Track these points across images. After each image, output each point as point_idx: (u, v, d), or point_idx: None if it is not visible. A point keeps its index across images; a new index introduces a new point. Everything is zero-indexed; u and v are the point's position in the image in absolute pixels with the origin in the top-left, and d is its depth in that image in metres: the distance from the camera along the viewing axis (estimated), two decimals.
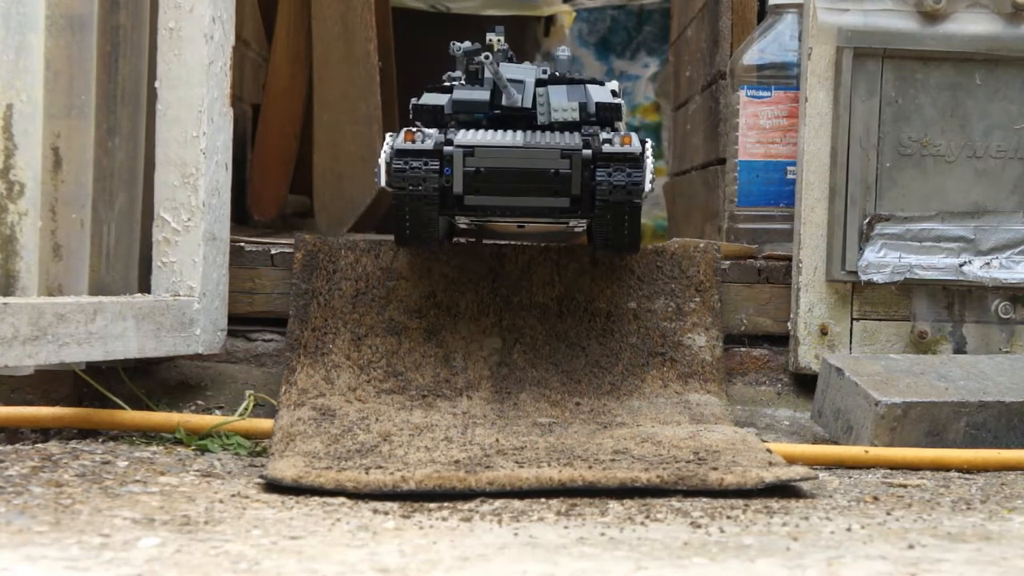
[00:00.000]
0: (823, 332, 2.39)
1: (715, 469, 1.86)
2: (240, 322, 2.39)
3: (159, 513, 1.67)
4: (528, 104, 2.17)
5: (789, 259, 2.46)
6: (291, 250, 2.42)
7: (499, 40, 2.25)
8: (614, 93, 2.24)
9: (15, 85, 1.92)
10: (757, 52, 2.54)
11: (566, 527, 1.64)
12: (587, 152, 2.08)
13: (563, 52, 2.32)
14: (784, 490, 1.86)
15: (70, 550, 1.47)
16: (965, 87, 2.39)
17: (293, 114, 2.87)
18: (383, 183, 2.10)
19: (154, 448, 2.09)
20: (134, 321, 2.09)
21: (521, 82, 2.18)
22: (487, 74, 2.18)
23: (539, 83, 2.21)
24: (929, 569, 1.48)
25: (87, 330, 1.99)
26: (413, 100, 2.23)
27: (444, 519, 1.67)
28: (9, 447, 2.06)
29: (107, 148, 2.15)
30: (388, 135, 2.20)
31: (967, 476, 2.06)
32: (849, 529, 1.67)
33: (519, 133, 2.14)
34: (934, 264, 2.39)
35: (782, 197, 2.52)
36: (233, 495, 1.79)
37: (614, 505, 1.75)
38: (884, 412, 2.12)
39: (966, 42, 2.37)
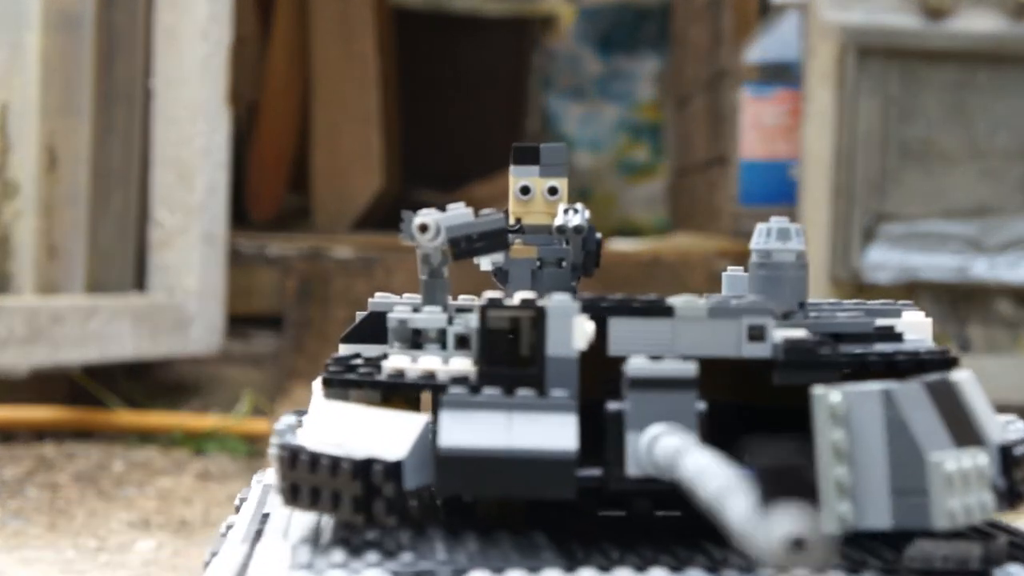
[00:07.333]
0: None
1: None
2: (238, 322, 2.38)
3: (156, 516, 1.65)
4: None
5: None
6: (291, 251, 2.41)
7: (573, 207, 0.95)
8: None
9: (10, 84, 1.91)
10: (759, 50, 2.53)
11: None
12: None
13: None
14: None
15: (65, 553, 1.46)
16: (970, 86, 2.37)
17: (291, 113, 2.86)
18: None
19: (151, 450, 2.08)
20: (130, 322, 2.07)
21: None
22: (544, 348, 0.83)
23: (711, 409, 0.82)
24: None
25: (83, 331, 1.98)
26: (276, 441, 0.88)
27: None
28: (4, 449, 2.05)
29: (103, 147, 2.14)
30: None
31: None
32: None
33: None
34: (939, 264, 2.37)
35: (784, 196, 2.50)
36: (231, 497, 1.77)
37: None
38: None
39: (971, 40, 2.35)
